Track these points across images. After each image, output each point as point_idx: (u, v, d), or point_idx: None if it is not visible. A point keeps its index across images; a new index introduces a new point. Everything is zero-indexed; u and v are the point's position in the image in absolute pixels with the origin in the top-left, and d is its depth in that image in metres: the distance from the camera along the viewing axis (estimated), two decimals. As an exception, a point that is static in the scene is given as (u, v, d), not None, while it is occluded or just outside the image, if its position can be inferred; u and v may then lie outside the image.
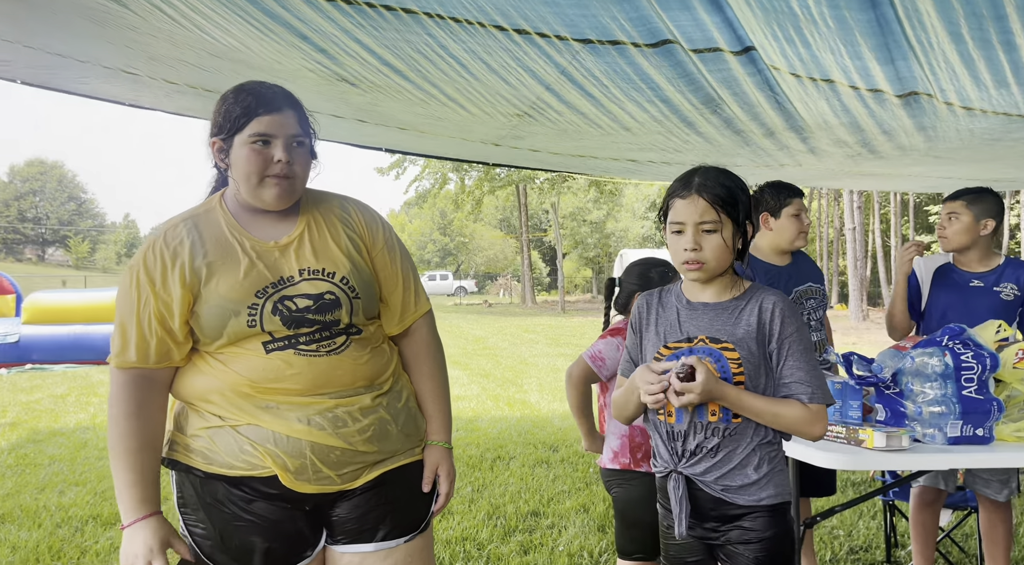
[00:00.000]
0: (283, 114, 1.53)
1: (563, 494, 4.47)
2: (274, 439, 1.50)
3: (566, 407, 7.75)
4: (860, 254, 27.91)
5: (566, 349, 13.94)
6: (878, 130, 2.77)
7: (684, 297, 1.71)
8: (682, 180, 1.65)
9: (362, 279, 1.59)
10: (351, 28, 2.17)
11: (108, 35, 2.77)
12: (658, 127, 2.90)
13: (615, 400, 1.76)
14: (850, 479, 4.66)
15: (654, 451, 1.74)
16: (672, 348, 1.66)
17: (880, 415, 2.34)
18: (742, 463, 1.62)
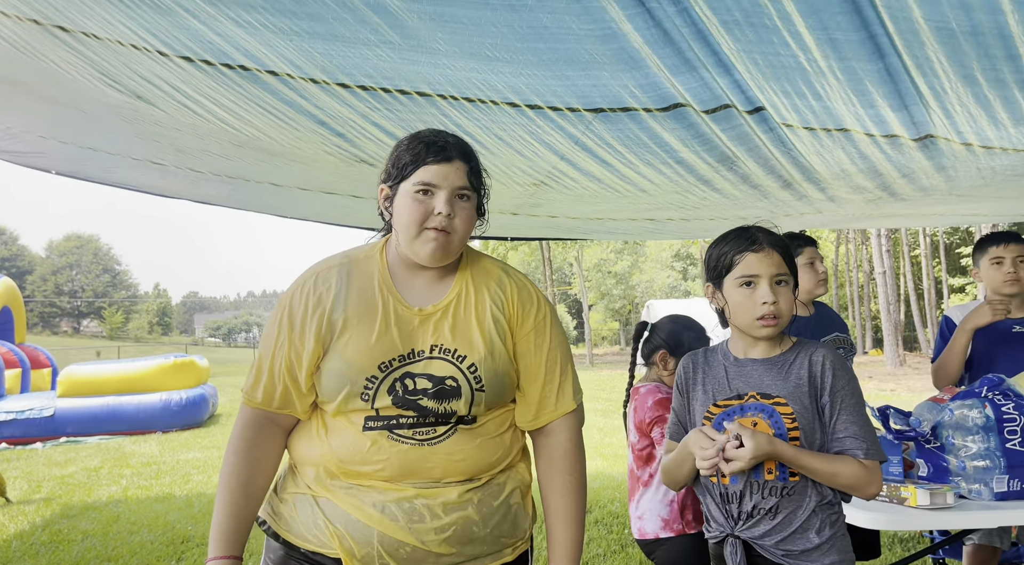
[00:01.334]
0: (452, 165, 1.43)
1: (599, 558, 4.34)
2: (345, 520, 1.40)
3: (598, 465, 7.65)
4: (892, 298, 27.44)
5: (596, 404, 13.73)
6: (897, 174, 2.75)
7: (731, 354, 1.69)
8: (745, 235, 1.64)
9: (495, 369, 1.45)
10: (367, 112, 2.25)
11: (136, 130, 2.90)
12: (675, 187, 2.93)
13: (666, 466, 1.70)
14: (897, 536, 4.47)
15: (706, 515, 1.68)
16: (722, 406, 1.63)
17: (922, 471, 2.26)
18: (803, 526, 1.57)
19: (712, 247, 1.69)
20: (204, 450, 9.64)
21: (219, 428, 11.95)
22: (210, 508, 6.05)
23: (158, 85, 2.36)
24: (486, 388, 1.43)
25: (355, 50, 1.82)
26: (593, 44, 1.69)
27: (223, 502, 1.45)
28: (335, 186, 3.57)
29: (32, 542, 5.21)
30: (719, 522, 1.63)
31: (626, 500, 5.82)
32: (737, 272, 1.63)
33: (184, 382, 11.81)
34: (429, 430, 1.41)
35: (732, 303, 1.63)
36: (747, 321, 1.62)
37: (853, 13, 1.52)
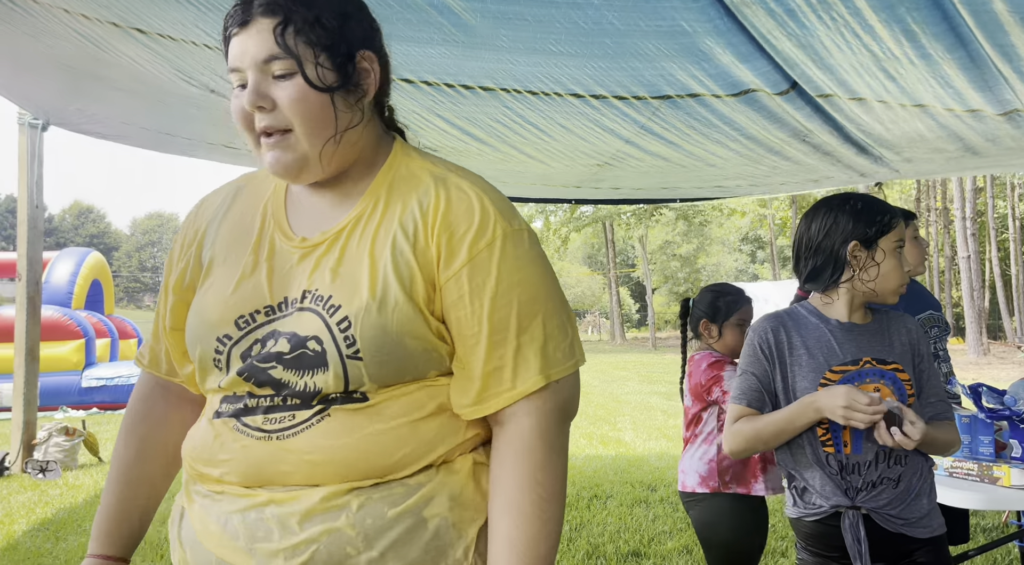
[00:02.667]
0: (250, 29, 0.95)
1: (664, 534, 4.34)
2: (192, 542, 0.99)
3: (662, 445, 7.62)
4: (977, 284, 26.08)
5: (659, 386, 13.62)
6: (981, 139, 2.62)
7: (831, 318, 1.64)
8: (885, 205, 1.65)
9: (382, 326, 0.93)
10: (432, 105, 2.29)
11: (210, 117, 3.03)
12: (744, 160, 2.88)
13: (758, 431, 1.58)
14: (979, 525, 4.29)
15: (808, 490, 1.59)
16: (839, 372, 1.58)
17: (1016, 451, 2.16)
18: (919, 493, 1.58)
19: (853, 209, 1.60)
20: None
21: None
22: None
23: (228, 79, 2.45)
24: (364, 355, 0.92)
25: (419, 48, 1.85)
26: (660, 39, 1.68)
27: (104, 490, 1.11)
28: None
29: (124, 497, 5.55)
30: (833, 495, 1.56)
31: (692, 480, 5.79)
32: (896, 235, 1.61)
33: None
34: (285, 416, 0.94)
35: (885, 266, 1.60)
36: (893, 286, 1.61)
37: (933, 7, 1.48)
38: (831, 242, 1.62)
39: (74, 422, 7.39)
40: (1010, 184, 30.51)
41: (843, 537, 1.56)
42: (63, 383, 11.23)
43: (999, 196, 32.33)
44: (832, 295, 1.65)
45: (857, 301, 1.64)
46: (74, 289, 12.52)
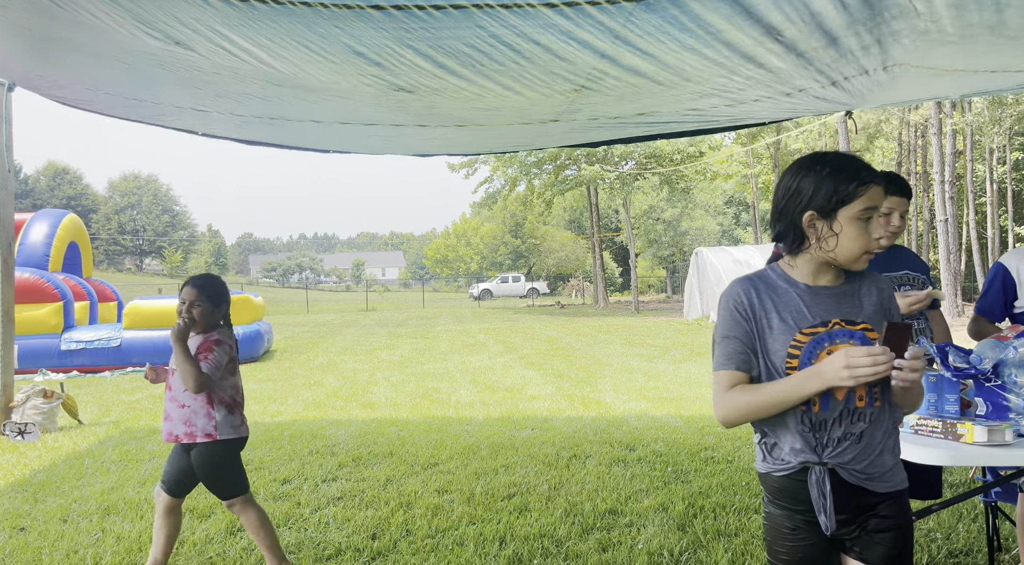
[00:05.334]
0: None
1: (641, 493, 4.42)
2: None
3: (642, 406, 7.71)
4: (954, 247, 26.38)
5: (640, 349, 13.75)
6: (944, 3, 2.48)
7: (798, 282, 1.64)
8: (868, 168, 1.60)
9: None
10: (403, 35, 2.22)
11: (176, 78, 2.93)
12: (719, 70, 2.81)
13: (758, 402, 1.57)
14: (947, 480, 4.41)
15: (776, 447, 1.63)
16: (809, 333, 1.59)
17: (980, 409, 2.21)
18: (882, 449, 1.62)
19: (817, 176, 1.59)
20: (260, 382, 10.04)
21: (274, 363, 12.40)
22: (267, 436, 6.34)
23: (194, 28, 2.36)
24: None
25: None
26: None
27: None
28: (375, 117, 3.57)
29: (103, 460, 5.55)
30: (802, 452, 1.59)
31: (669, 440, 5.88)
32: (860, 204, 1.58)
33: (240, 318, 12.22)
34: None
35: (846, 235, 1.58)
36: (855, 254, 1.59)
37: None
38: (791, 209, 1.62)
39: (52, 385, 7.34)
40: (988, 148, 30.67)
41: (807, 491, 1.59)
42: (42, 346, 11.12)
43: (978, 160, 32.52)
44: (794, 259, 1.66)
45: (822, 266, 1.64)
46: (50, 251, 12.32)
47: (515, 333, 18.27)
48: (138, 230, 75.93)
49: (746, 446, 5.59)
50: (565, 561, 3.39)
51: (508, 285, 47.81)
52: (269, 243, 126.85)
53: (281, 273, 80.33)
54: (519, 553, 3.48)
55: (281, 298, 45.69)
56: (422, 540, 3.70)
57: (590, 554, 3.44)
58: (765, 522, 1.69)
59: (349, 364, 12.15)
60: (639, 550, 3.47)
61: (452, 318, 25.95)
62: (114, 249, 74.05)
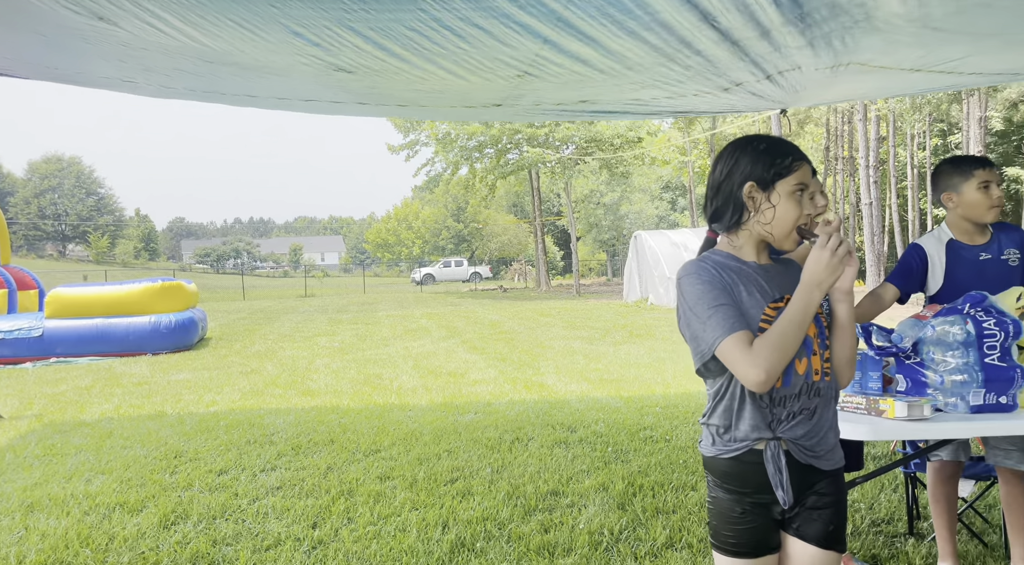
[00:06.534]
0: None
1: (582, 473, 4.49)
2: None
3: (583, 388, 7.82)
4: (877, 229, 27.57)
5: (582, 332, 13.92)
6: None
7: (748, 260, 1.67)
8: (789, 147, 1.64)
9: None
10: (343, 16, 2.16)
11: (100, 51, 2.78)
12: (659, 58, 2.84)
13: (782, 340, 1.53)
14: (871, 453, 4.63)
15: (729, 428, 1.62)
16: (774, 307, 1.62)
17: (901, 386, 2.31)
18: (828, 427, 1.65)
19: (755, 151, 1.62)
20: (195, 372, 9.75)
21: (209, 351, 12.05)
22: (201, 426, 6.17)
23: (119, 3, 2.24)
24: None
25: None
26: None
27: None
28: (314, 94, 3.47)
29: (26, 455, 5.30)
30: (758, 428, 1.59)
31: (610, 421, 5.98)
32: (795, 179, 1.61)
33: (172, 305, 11.81)
34: None
35: (780, 209, 1.61)
36: (789, 227, 1.62)
37: None
38: (731, 183, 1.64)
39: (-33, 379, 6.94)
40: (910, 134, 32.07)
41: (755, 473, 1.61)
42: (-45, 338, 10.51)
43: (900, 145, 33.98)
44: (735, 239, 1.67)
45: (760, 244, 1.67)
46: (-38, 238, 11.62)
47: (458, 317, 18.24)
48: (60, 214, 72.27)
49: (684, 425, 5.74)
50: (508, 543, 3.42)
51: (451, 269, 47.65)
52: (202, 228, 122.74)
53: (215, 259, 77.88)
54: (462, 537, 3.49)
55: (216, 284, 44.35)
56: (364, 527, 3.67)
57: (532, 535, 3.48)
58: (711, 507, 1.69)
59: (288, 351, 11.91)
60: (580, 530, 3.53)
61: (394, 303, 25.71)
62: (34, 234, 70.36)
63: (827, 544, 1.63)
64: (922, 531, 3.39)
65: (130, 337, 11.32)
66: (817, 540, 1.63)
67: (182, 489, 4.39)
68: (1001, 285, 2.54)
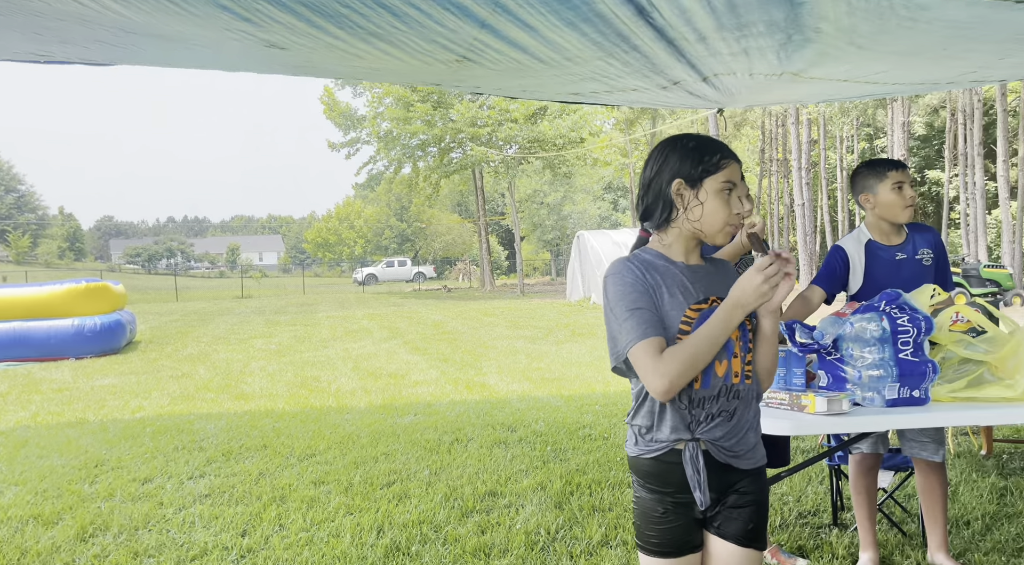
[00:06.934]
0: None
1: (520, 473, 4.48)
2: None
3: (525, 387, 7.82)
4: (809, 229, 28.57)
5: (525, 331, 13.96)
6: None
7: (676, 260, 1.66)
8: (726, 147, 1.66)
9: None
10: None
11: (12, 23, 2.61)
12: (598, 51, 2.83)
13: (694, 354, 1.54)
14: (800, 447, 4.77)
15: (651, 428, 1.63)
16: (696, 309, 1.61)
17: (823, 381, 2.38)
18: (749, 427, 1.66)
19: (684, 148, 1.64)
20: (121, 376, 9.35)
21: (138, 355, 11.59)
22: (125, 434, 5.92)
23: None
24: None
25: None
26: None
27: None
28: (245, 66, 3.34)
29: (-68, 469, 4.98)
30: (677, 429, 1.60)
31: (550, 420, 6.00)
32: (723, 176, 1.62)
33: (98, 307, 11.32)
34: None
35: (708, 206, 1.61)
36: (718, 226, 1.62)
37: None
38: (660, 180, 1.64)
39: None
40: (839, 137, 33.34)
41: (676, 473, 1.61)
42: None
43: (830, 148, 35.30)
44: (664, 237, 1.68)
45: (690, 243, 1.67)
46: None
47: (400, 318, 18.05)
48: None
49: (622, 423, 5.80)
50: (443, 546, 3.38)
51: (394, 269, 47.16)
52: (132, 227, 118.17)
53: (147, 258, 75.10)
54: (397, 541, 3.44)
55: (147, 285, 42.76)
56: (296, 534, 3.57)
57: (468, 537, 3.45)
58: (635, 507, 1.69)
59: (222, 354, 11.55)
60: (517, 530, 3.52)
61: (334, 304, 25.28)
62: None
63: (747, 542, 1.65)
64: (846, 521, 3.50)
65: (51, 341, 10.79)
66: (737, 538, 1.65)
67: (102, 499, 4.19)
68: (916, 283, 2.65)
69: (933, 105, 31.33)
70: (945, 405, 2.24)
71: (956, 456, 4.50)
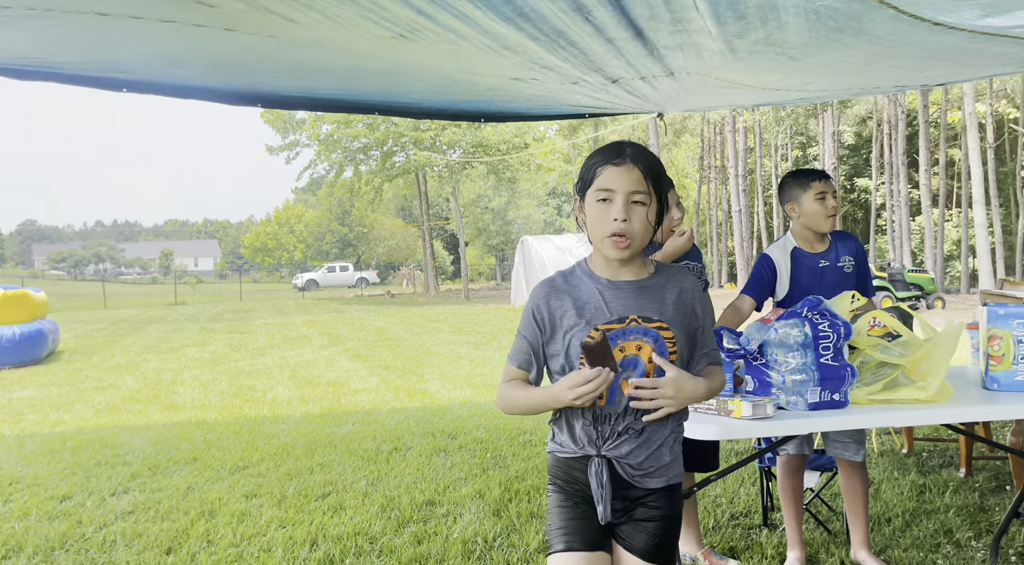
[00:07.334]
0: None
1: (459, 481, 4.44)
2: None
3: (467, 394, 7.78)
4: (746, 235, 29.39)
5: (469, 337, 13.91)
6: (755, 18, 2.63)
7: (601, 277, 1.63)
8: (613, 149, 1.59)
9: None
10: None
11: None
12: (536, 46, 2.83)
13: (515, 402, 1.65)
14: (733, 449, 4.88)
15: (562, 433, 1.66)
16: (606, 328, 1.59)
17: (749, 386, 2.43)
18: (661, 444, 1.63)
19: (584, 162, 1.65)
20: (41, 388, 8.90)
21: (60, 366, 11.06)
22: (44, 449, 5.63)
23: None
24: None
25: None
26: None
27: None
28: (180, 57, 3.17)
29: None
30: (583, 442, 1.62)
31: (491, 426, 5.98)
32: (596, 185, 1.58)
33: (16, 316, 10.77)
34: None
35: (590, 217, 1.59)
36: (598, 237, 1.58)
37: None
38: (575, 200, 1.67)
39: None
40: (774, 145, 34.46)
41: (583, 479, 1.62)
42: None
43: (765, 156, 36.45)
44: (593, 253, 1.68)
45: (604, 258, 1.63)
46: None
47: (341, 325, 17.75)
48: None
49: (561, 427, 5.83)
50: (379, 557, 3.32)
51: (335, 274, 46.43)
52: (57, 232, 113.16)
53: (73, 264, 71.88)
54: (330, 554, 3.35)
55: (73, 292, 40.95)
56: (224, 549, 3.45)
57: (404, 548, 3.40)
58: (548, 507, 1.71)
59: (152, 363, 11.14)
60: (454, 539, 3.48)
61: (273, 310, 24.70)
62: None
63: (651, 557, 1.64)
64: (775, 522, 3.59)
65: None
66: (641, 552, 1.64)
67: (16, 519, 3.97)
68: (838, 289, 2.74)
69: (861, 115, 32.70)
70: (863, 408, 2.32)
71: (879, 455, 4.67)
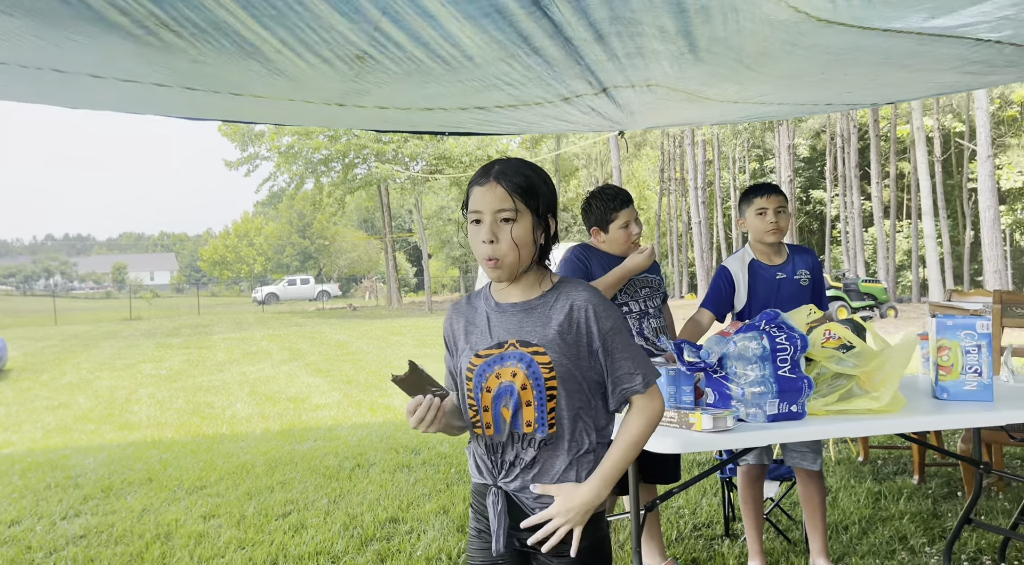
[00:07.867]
0: None
1: (423, 498, 4.40)
2: None
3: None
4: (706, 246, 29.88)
5: (432, 349, 13.82)
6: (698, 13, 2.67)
7: (492, 299, 1.59)
8: (482, 169, 1.54)
9: None
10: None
11: None
12: (499, 51, 2.83)
13: None
14: (696, 460, 4.93)
15: (471, 460, 1.65)
16: (484, 356, 1.54)
17: (710, 398, 2.46)
18: (561, 478, 1.52)
19: None
20: (-12, 408, 8.58)
21: (8, 384, 10.67)
22: (-9, 471, 5.41)
23: None
24: None
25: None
26: None
27: None
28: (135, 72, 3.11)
29: None
30: (483, 471, 1.60)
31: (455, 441, 5.94)
32: (469, 207, 1.52)
33: (-39, 333, 10.35)
34: None
35: (470, 242, 1.55)
36: (479, 259, 1.52)
37: None
38: None
39: None
40: (732, 158, 35.18)
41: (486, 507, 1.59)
42: None
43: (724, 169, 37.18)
44: None
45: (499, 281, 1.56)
46: None
47: (302, 339, 17.49)
48: None
49: (526, 441, 5.82)
50: (341, 578, 3.26)
51: (296, 287, 45.78)
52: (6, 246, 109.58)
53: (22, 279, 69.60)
54: (291, 576, 3.29)
55: (22, 308, 39.60)
56: (181, 575, 3.36)
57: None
58: (470, 529, 1.67)
59: (105, 381, 10.82)
60: (418, 557, 3.44)
61: (232, 325, 24.22)
62: None
63: None
64: (736, 532, 3.63)
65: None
66: None
67: (-41, 549, 3.80)
68: (794, 302, 2.80)
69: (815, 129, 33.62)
70: (820, 419, 2.37)
71: (836, 463, 4.77)
